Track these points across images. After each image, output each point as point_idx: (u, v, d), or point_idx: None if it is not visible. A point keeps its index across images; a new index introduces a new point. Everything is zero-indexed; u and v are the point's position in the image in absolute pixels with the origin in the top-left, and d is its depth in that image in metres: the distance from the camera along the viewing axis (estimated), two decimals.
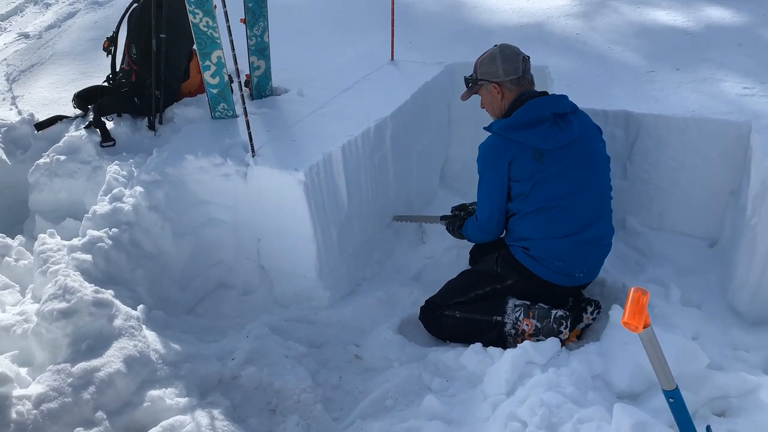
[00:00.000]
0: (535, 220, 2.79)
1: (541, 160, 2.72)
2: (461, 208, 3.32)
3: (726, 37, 3.97)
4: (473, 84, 2.99)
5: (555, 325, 2.72)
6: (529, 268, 2.83)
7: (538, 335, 2.74)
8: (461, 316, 2.90)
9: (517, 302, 2.84)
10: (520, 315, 2.79)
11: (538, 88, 2.96)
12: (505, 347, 2.75)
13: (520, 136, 2.73)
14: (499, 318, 2.82)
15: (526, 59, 2.89)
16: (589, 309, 2.85)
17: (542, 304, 2.83)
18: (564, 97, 2.87)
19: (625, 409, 2.12)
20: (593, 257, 2.88)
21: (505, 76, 2.86)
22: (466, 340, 2.86)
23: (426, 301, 3.06)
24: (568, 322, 2.74)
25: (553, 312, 2.76)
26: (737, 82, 3.38)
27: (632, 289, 1.66)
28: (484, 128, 2.90)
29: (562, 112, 2.78)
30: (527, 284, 2.86)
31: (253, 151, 3.09)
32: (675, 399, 1.81)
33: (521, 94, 2.87)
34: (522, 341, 2.69)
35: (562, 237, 2.76)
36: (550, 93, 2.92)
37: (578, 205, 2.76)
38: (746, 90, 3.27)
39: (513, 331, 2.79)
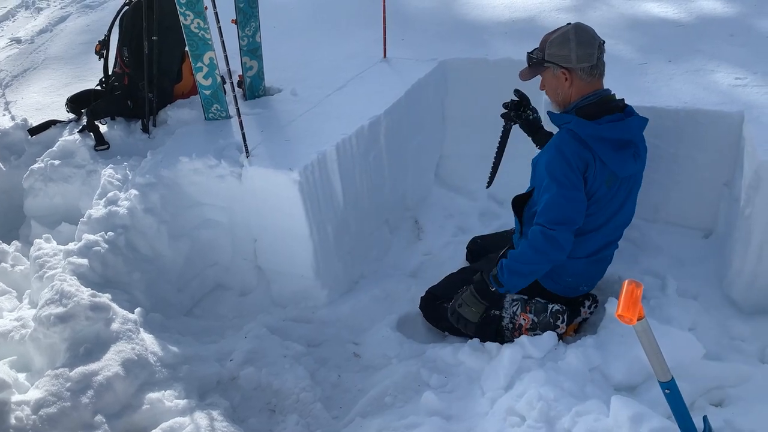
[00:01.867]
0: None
1: (611, 186, 2.56)
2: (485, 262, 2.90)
3: (718, 28, 3.97)
4: (538, 64, 2.64)
5: (552, 320, 2.73)
6: (538, 280, 2.77)
7: (535, 329, 2.74)
8: (460, 312, 2.86)
9: (515, 296, 2.83)
10: (517, 309, 2.79)
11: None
12: (503, 341, 2.76)
13: (605, 156, 2.50)
14: (497, 312, 2.81)
15: (601, 45, 2.57)
16: (587, 303, 2.86)
17: (539, 299, 2.82)
18: (641, 122, 2.65)
19: (623, 401, 2.14)
20: (600, 273, 2.87)
21: (577, 62, 2.52)
22: (464, 332, 2.86)
23: (427, 292, 3.04)
24: (565, 316, 2.74)
25: (550, 306, 2.76)
26: (729, 73, 3.38)
27: (626, 281, 1.67)
28: (552, 114, 2.64)
29: (636, 139, 2.63)
30: (533, 289, 2.80)
31: (247, 151, 3.09)
32: (671, 390, 1.83)
33: (602, 92, 2.60)
34: (519, 335, 2.70)
35: (581, 258, 2.71)
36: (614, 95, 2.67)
37: (605, 231, 2.70)
38: (738, 80, 3.28)
39: (510, 326, 2.79)
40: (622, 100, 2.65)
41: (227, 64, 3.00)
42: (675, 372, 1.88)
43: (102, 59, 3.88)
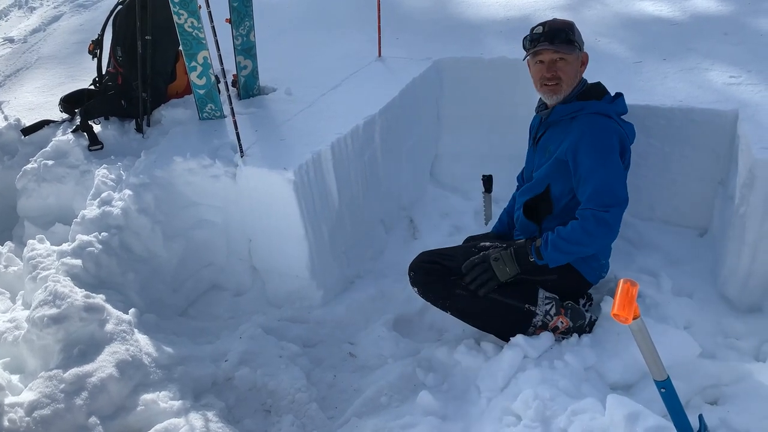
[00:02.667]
0: None
1: (623, 155, 2.62)
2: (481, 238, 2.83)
3: (712, 26, 3.98)
4: (577, 47, 2.61)
5: (588, 328, 2.69)
6: (580, 271, 2.70)
7: (569, 334, 2.67)
8: (492, 297, 2.65)
9: (547, 294, 2.69)
10: (551, 309, 2.66)
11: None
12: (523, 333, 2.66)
13: (626, 128, 2.64)
14: (532, 308, 2.66)
15: None
16: (582, 302, 2.85)
17: (572, 302, 2.71)
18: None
19: (618, 399, 2.13)
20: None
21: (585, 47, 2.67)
22: (473, 318, 2.73)
23: (426, 259, 2.77)
24: (593, 327, 2.70)
25: (588, 315, 2.71)
26: (723, 71, 3.39)
27: (621, 280, 1.67)
28: (560, 108, 2.63)
29: None
30: (563, 282, 2.71)
31: (241, 151, 3.08)
32: (666, 389, 1.82)
33: (587, 81, 2.71)
34: (541, 333, 2.64)
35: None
36: None
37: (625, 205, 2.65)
38: (732, 79, 3.28)
39: (540, 323, 2.66)
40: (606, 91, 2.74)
41: (221, 63, 2.99)
42: (671, 370, 1.88)
43: (95, 59, 3.87)
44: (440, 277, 2.72)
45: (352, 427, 2.51)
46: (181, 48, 3.43)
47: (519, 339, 2.62)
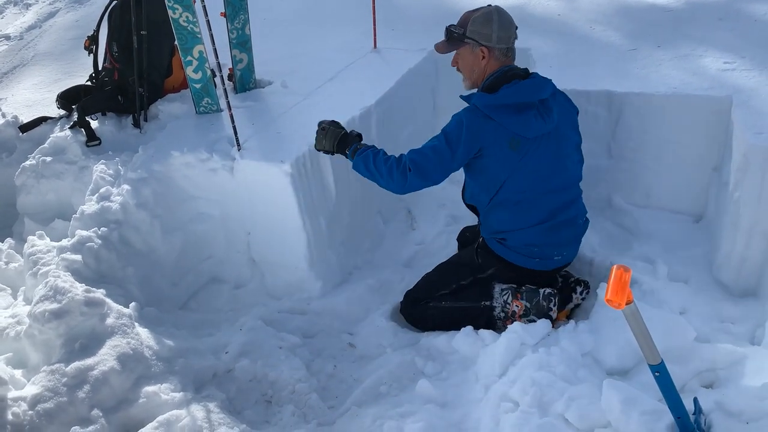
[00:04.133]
0: (508, 211, 2.76)
1: (518, 148, 2.64)
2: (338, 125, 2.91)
3: (706, 12, 3.99)
4: (458, 39, 2.76)
5: (545, 303, 2.75)
6: (506, 258, 2.83)
7: (528, 315, 2.76)
8: (448, 305, 2.91)
9: (503, 285, 2.86)
10: (508, 297, 2.81)
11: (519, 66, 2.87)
12: (495, 331, 2.78)
13: (505, 120, 2.62)
14: (488, 303, 2.83)
15: (516, 30, 2.75)
16: (579, 289, 2.88)
17: (529, 285, 2.85)
18: (548, 81, 2.77)
19: (614, 385, 2.16)
20: (567, 239, 2.86)
21: (497, 42, 2.68)
22: (452, 329, 2.87)
23: (405, 296, 3.03)
24: (556, 299, 2.77)
25: (541, 291, 2.79)
26: (718, 57, 3.40)
27: (614, 266, 1.68)
28: (462, 97, 2.75)
29: (545, 98, 2.71)
30: (508, 272, 2.86)
31: (238, 144, 3.09)
32: (660, 373, 1.84)
33: (506, 68, 2.71)
34: (511, 323, 2.72)
35: (534, 225, 2.75)
36: (531, 71, 2.81)
37: (550, 194, 2.74)
38: (726, 65, 3.29)
39: (502, 314, 2.82)
40: (526, 69, 2.76)
41: (216, 57, 3.00)
42: (666, 355, 1.90)
43: (91, 55, 3.87)
44: (419, 310, 2.97)
45: (352, 416, 2.53)
46: (176, 42, 3.43)
47: (516, 326, 2.65)
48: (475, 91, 2.80)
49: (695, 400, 2.08)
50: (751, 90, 3.01)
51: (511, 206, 2.75)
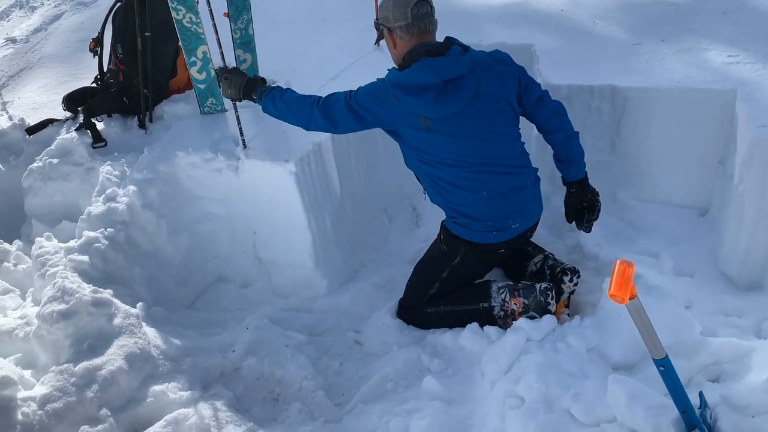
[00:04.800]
0: (446, 191, 2.75)
1: (428, 127, 2.60)
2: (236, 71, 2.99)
3: (710, 6, 3.96)
4: (377, 29, 2.86)
5: (542, 298, 2.75)
6: (465, 237, 2.80)
7: (527, 312, 2.77)
8: (448, 309, 2.91)
9: (500, 284, 2.87)
10: (505, 296, 2.82)
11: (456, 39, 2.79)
12: None
13: (407, 101, 2.58)
14: (486, 303, 2.84)
15: (420, 4, 2.62)
16: (566, 278, 2.85)
17: (524, 282, 2.87)
18: (465, 58, 2.61)
19: (619, 380, 2.16)
20: (519, 204, 2.79)
21: (394, 22, 2.65)
22: (456, 326, 2.88)
23: (399, 306, 3.05)
24: (553, 293, 2.77)
25: (537, 286, 2.79)
26: (722, 51, 3.38)
27: (618, 261, 1.68)
28: (388, 70, 2.72)
29: (455, 77, 2.59)
30: (475, 252, 2.84)
31: (244, 144, 3.11)
32: (665, 367, 1.85)
33: (418, 45, 2.64)
34: (512, 321, 2.72)
35: (476, 200, 2.71)
36: (454, 44, 2.70)
37: (483, 172, 2.68)
38: (731, 58, 3.27)
39: (502, 313, 2.82)
40: (446, 44, 2.68)
41: (223, 60, 3.01)
42: (672, 349, 1.90)
43: (96, 57, 3.90)
44: (418, 316, 2.98)
45: (359, 414, 2.55)
46: (180, 43, 3.45)
47: (521, 322, 2.66)
48: None
49: (701, 394, 2.08)
50: (756, 83, 3.00)
51: (449, 186, 2.73)
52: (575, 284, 2.87)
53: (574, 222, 2.98)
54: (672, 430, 1.98)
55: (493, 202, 2.72)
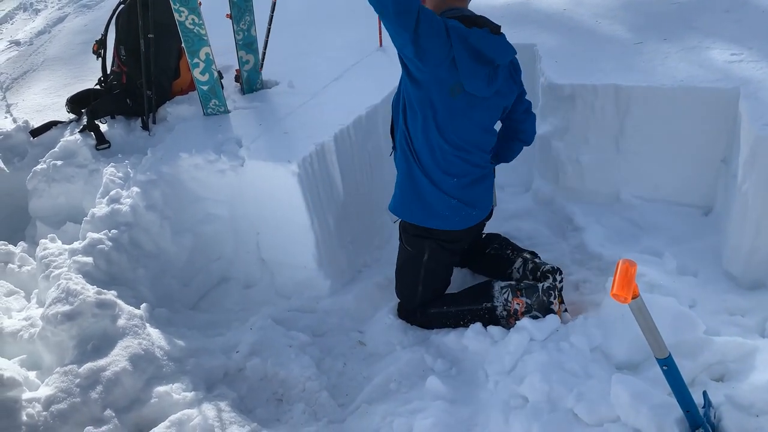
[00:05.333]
0: (429, 151, 2.65)
1: (455, 95, 2.50)
2: None
3: (713, 4, 3.95)
4: None
5: (545, 297, 2.75)
6: (428, 226, 2.78)
7: (530, 311, 2.76)
8: (450, 310, 2.91)
9: (503, 284, 2.86)
10: (508, 296, 2.81)
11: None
12: None
13: (461, 59, 2.43)
14: (489, 303, 2.83)
15: None
16: (548, 280, 2.84)
17: (527, 281, 2.86)
18: (509, 48, 2.58)
19: (623, 379, 2.17)
20: (481, 193, 2.83)
21: None
22: (459, 326, 2.89)
23: (399, 310, 3.06)
24: (556, 292, 2.77)
25: (539, 285, 2.78)
26: (725, 49, 3.37)
27: (620, 261, 1.69)
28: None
29: (500, 64, 2.56)
30: (440, 244, 2.83)
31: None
32: (669, 367, 1.85)
33: (461, 10, 2.56)
34: (515, 321, 2.72)
35: (451, 177, 2.69)
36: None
37: (464, 153, 2.66)
38: (734, 56, 3.27)
39: (504, 313, 2.81)
40: (499, 26, 2.57)
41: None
42: (676, 349, 1.90)
43: (100, 59, 3.91)
44: (420, 318, 2.98)
45: (363, 414, 2.55)
46: (183, 45, 3.46)
47: (525, 322, 2.66)
48: None
49: (704, 394, 2.08)
50: (759, 82, 2.99)
51: (434, 149, 2.64)
52: (560, 281, 2.87)
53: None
54: (676, 430, 1.99)
55: (463, 187, 2.72)
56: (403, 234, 2.94)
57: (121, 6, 3.77)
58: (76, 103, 3.93)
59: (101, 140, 3.61)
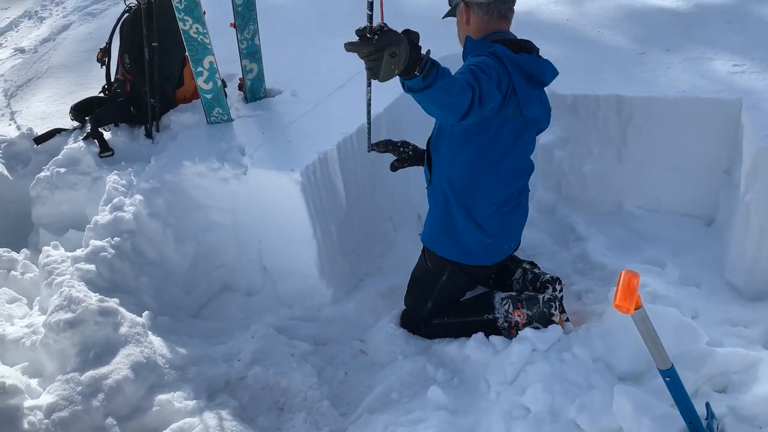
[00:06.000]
0: (473, 172, 2.63)
1: (512, 119, 2.49)
2: None
3: (715, 15, 3.97)
4: (452, 4, 2.66)
5: (546, 309, 2.74)
6: (453, 259, 2.80)
7: (531, 323, 2.75)
8: (453, 321, 2.91)
9: (503, 295, 2.85)
10: (509, 307, 2.80)
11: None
12: None
13: (520, 85, 2.40)
14: (490, 316, 2.83)
15: None
16: (548, 291, 2.84)
17: (527, 293, 2.85)
18: (554, 70, 2.60)
19: (626, 390, 2.16)
20: (518, 223, 2.85)
21: None
22: (461, 336, 2.88)
23: (402, 321, 3.05)
24: (557, 303, 2.76)
25: (540, 297, 2.78)
26: (727, 60, 3.38)
27: (623, 271, 1.69)
28: (465, 48, 2.56)
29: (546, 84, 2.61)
30: (462, 268, 2.83)
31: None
32: (671, 378, 1.84)
33: (505, 33, 2.53)
34: (516, 333, 2.71)
35: (490, 212, 2.69)
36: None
37: (511, 178, 2.67)
38: (736, 67, 3.28)
39: (506, 325, 2.80)
40: (529, 43, 2.55)
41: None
42: (678, 360, 1.90)
43: (104, 67, 3.93)
44: (424, 329, 2.97)
45: (364, 423, 2.54)
46: (187, 53, 3.47)
47: (527, 332, 2.65)
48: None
49: (707, 405, 2.08)
50: (761, 92, 3.00)
51: (478, 179, 2.62)
52: (560, 291, 2.86)
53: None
54: None
55: (502, 216, 2.72)
56: (425, 250, 2.93)
57: (126, 14, 3.79)
58: (80, 110, 3.94)
59: (105, 148, 3.62)
